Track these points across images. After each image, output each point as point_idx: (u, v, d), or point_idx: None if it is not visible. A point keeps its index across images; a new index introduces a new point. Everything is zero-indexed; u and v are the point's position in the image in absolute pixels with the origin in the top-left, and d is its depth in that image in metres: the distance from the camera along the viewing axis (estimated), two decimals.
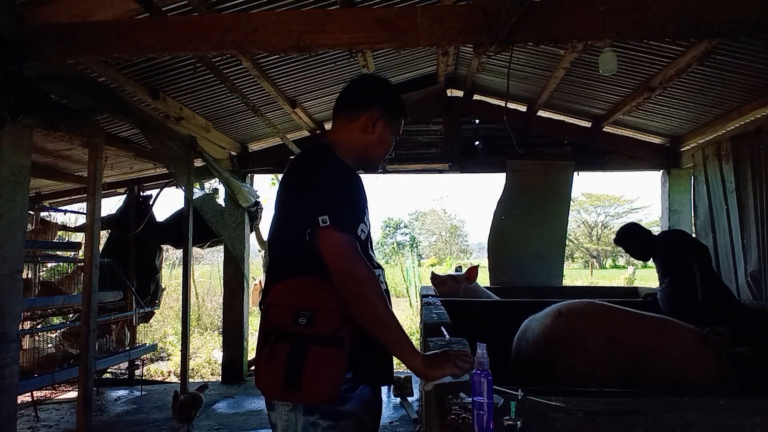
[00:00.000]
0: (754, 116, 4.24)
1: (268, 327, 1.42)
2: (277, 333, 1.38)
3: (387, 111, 1.64)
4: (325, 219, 1.37)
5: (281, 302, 1.43)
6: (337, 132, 1.66)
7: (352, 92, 1.68)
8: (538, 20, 2.52)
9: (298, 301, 1.40)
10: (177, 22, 2.77)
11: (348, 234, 1.40)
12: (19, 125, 2.76)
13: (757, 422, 1.16)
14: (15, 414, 2.91)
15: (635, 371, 2.36)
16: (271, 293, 1.47)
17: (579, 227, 32.03)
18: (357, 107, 1.63)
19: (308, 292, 1.41)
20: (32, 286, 4.81)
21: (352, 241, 1.40)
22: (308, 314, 1.37)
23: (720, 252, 4.64)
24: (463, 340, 1.96)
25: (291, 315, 1.38)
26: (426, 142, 5.91)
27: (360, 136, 1.62)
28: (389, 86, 1.72)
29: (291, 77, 4.46)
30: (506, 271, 5.67)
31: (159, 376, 6.89)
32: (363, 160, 1.65)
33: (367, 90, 1.67)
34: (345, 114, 1.65)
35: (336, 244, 1.38)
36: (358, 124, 1.62)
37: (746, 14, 2.41)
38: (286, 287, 1.45)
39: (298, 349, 1.33)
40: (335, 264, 1.37)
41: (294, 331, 1.36)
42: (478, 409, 1.07)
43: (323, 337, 1.34)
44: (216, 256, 12.10)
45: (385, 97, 1.66)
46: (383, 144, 1.66)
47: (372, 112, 1.61)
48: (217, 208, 5.63)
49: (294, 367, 1.32)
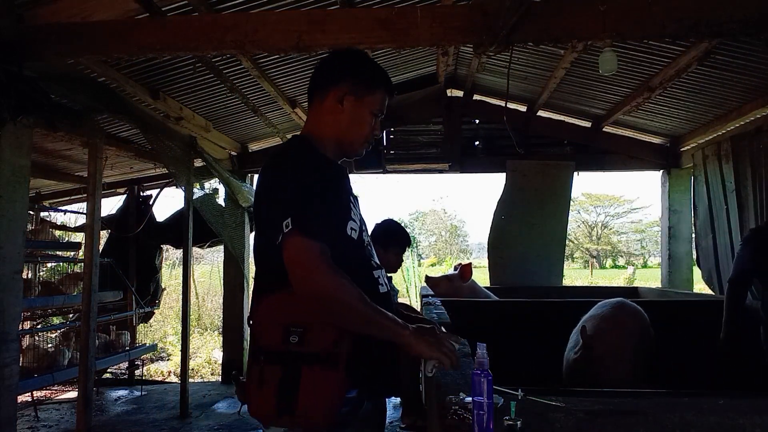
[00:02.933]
0: (754, 116, 4.24)
1: (257, 346, 1.29)
2: (267, 353, 1.26)
3: (355, 84, 1.43)
4: (288, 223, 1.23)
5: (269, 319, 1.29)
6: (310, 120, 1.49)
7: (318, 71, 1.49)
8: (538, 20, 2.52)
9: (288, 317, 1.26)
10: (177, 22, 2.78)
11: (314, 240, 1.23)
12: (19, 125, 2.76)
13: (757, 422, 1.16)
14: (15, 414, 2.91)
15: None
16: (259, 309, 1.33)
17: (579, 227, 32.03)
18: (323, 85, 1.45)
19: (297, 307, 1.26)
20: (32, 286, 4.81)
21: (318, 248, 1.23)
22: (299, 331, 1.23)
23: (720, 252, 4.63)
24: (463, 340, 1.96)
25: (281, 333, 1.24)
26: (426, 142, 5.91)
27: (330, 118, 1.44)
28: (358, 57, 1.51)
29: (291, 77, 4.46)
30: (506, 271, 5.66)
31: (159, 376, 6.89)
32: (341, 146, 1.46)
33: (333, 65, 1.48)
34: (315, 98, 1.47)
35: (299, 252, 1.23)
36: (327, 105, 1.44)
37: (746, 14, 2.41)
38: (274, 302, 1.31)
39: (290, 371, 1.21)
40: (296, 276, 1.22)
41: (285, 351, 1.23)
42: (478, 409, 1.07)
43: (317, 356, 1.22)
44: (216, 256, 12.09)
45: (351, 69, 1.45)
46: (358, 123, 1.44)
47: (338, 88, 1.42)
48: (217, 208, 5.63)
49: (287, 391, 1.20)
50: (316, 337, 1.23)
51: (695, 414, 1.18)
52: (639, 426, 1.16)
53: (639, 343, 2.61)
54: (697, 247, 5.12)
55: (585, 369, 2.52)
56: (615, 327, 2.62)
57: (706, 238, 4.80)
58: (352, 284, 1.24)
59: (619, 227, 32.77)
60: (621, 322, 2.67)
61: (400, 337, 1.27)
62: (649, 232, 31.61)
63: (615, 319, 2.68)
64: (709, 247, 4.80)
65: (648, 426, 1.16)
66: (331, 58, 1.53)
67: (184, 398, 4.73)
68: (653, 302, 4.48)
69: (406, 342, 1.27)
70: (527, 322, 3.53)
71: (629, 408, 1.22)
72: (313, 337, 1.23)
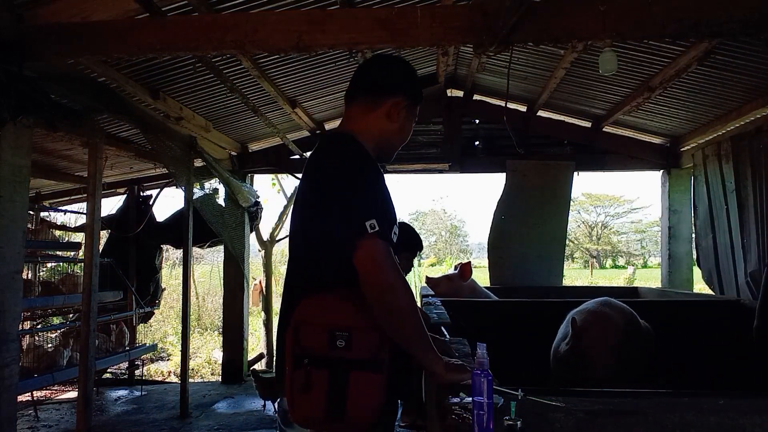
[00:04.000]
0: (754, 116, 4.24)
1: (301, 349, 1.26)
2: (312, 357, 1.24)
3: (412, 98, 1.51)
4: (374, 224, 1.26)
5: (313, 321, 1.27)
6: (357, 120, 1.50)
7: (374, 74, 1.53)
8: (538, 20, 2.52)
9: (333, 320, 1.26)
10: (177, 22, 2.77)
11: (389, 243, 1.28)
12: (19, 125, 2.76)
13: (757, 422, 1.16)
14: (15, 414, 2.91)
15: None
16: (299, 309, 1.30)
17: (579, 227, 32.04)
18: (380, 92, 1.49)
19: (344, 310, 1.27)
20: (32, 287, 4.81)
21: (392, 254, 1.28)
22: (346, 335, 1.24)
23: (720, 252, 4.64)
24: (463, 340, 1.96)
25: (327, 336, 1.24)
26: (426, 142, 5.91)
27: (383, 124, 1.48)
28: (412, 70, 1.58)
29: (291, 77, 4.46)
30: (506, 271, 5.66)
31: (159, 376, 6.89)
32: (382, 150, 1.52)
33: (392, 73, 1.53)
34: (364, 99, 1.50)
35: (379, 254, 1.26)
36: (382, 111, 1.48)
37: (746, 14, 2.41)
38: (319, 303, 1.29)
39: (339, 377, 1.22)
40: (376, 276, 1.26)
41: (333, 356, 1.23)
42: (478, 409, 1.07)
43: (364, 362, 1.24)
44: (216, 256, 12.09)
45: (407, 82, 1.53)
46: (403, 133, 1.54)
47: (398, 99, 1.48)
48: (217, 208, 5.63)
49: (337, 397, 1.21)
50: (362, 341, 1.25)
51: (695, 414, 1.18)
52: (639, 426, 1.16)
53: (625, 338, 2.64)
54: (698, 247, 5.12)
55: (575, 361, 2.54)
56: (598, 320, 2.67)
57: (706, 238, 4.79)
58: (413, 295, 1.30)
59: (619, 227, 32.80)
60: (606, 316, 2.72)
61: (434, 364, 1.32)
62: (649, 232, 31.63)
63: (600, 313, 2.73)
64: (709, 247, 4.80)
65: (648, 426, 1.16)
66: (386, 64, 1.59)
67: (184, 398, 4.73)
68: (653, 302, 4.48)
69: (438, 372, 1.32)
70: (527, 322, 3.53)
71: (629, 408, 1.22)
72: (359, 342, 1.25)
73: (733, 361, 3.10)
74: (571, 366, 2.58)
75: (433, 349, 1.33)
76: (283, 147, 5.73)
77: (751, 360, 2.86)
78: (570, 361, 2.58)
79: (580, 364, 2.54)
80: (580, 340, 2.55)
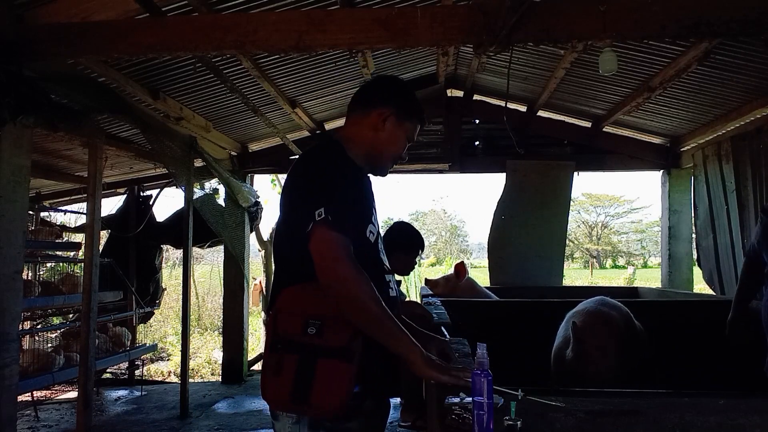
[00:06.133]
0: (754, 116, 4.24)
1: (277, 335, 1.34)
2: (285, 342, 1.32)
3: (398, 109, 1.59)
4: (321, 212, 1.30)
5: (289, 309, 1.36)
6: (348, 128, 1.63)
7: (367, 90, 1.66)
8: (538, 20, 2.51)
9: (307, 309, 1.33)
10: (177, 22, 2.77)
11: (343, 234, 1.31)
12: (19, 125, 2.76)
13: (757, 422, 1.15)
14: (15, 414, 2.91)
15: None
16: (278, 299, 1.40)
17: (579, 227, 32.06)
18: (369, 104, 1.60)
19: (317, 299, 1.32)
20: (32, 287, 4.81)
21: (344, 242, 1.31)
22: (317, 324, 1.30)
23: (720, 252, 4.64)
24: (463, 340, 1.96)
25: (300, 323, 1.31)
26: (426, 142, 5.91)
27: (370, 133, 1.58)
28: (403, 86, 1.69)
29: (291, 77, 4.46)
30: (506, 271, 5.66)
31: (159, 376, 6.89)
32: (372, 159, 1.60)
33: (380, 88, 1.65)
34: (358, 111, 1.62)
35: (325, 242, 1.30)
36: (369, 121, 1.58)
37: (746, 14, 2.41)
38: (294, 293, 1.38)
39: (307, 362, 1.28)
40: (321, 264, 1.30)
41: (303, 342, 1.30)
42: (478, 409, 1.07)
43: (333, 350, 1.28)
44: (216, 256, 12.08)
45: (397, 95, 1.62)
46: (393, 143, 1.61)
47: (382, 109, 1.57)
48: (217, 208, 5.63)
49: (302, 380, 1.27)
50: (333, 330, 1.30)
51: (695, 414, 1.18)
52: (639, 426, 1.16)
53: (625, 336, 2.65)
54: (698, 247, 5.12)
55: (578, 364, 2.55)
56: (599, 320, 2.67)
57: (706, 238, 4.79)
58: (369, 284, 1.31)
59: (619, 227, 32.83)
60: (605, 315, 2.73)
61: (408, 353, 1.30)
62: (649, 232, 31.65)
63: (599, 313, 2.74)
64: (709, 247, 4.80)
65: (648, 426, 1.16)
66: (378, 81, 1.71)
67: (184, 398, 4.73)
68: (653, 302, 4.48)
69: (412, 360, 1.29)
70: (527, 322, 3.53)
71: (629, 408, 1.22)
72: (330, 331, 1.30)
73: (733, 361, 3.10)
74: (574, 369, 2.58)
75: (404, 337, 1.31)
76: (283, 147, 5.72)
77: (752, 360, 2.86)
78: (574, 364, 2.58)
79: (583, 365, 2.54)
80: (583, 342, 2.55)
